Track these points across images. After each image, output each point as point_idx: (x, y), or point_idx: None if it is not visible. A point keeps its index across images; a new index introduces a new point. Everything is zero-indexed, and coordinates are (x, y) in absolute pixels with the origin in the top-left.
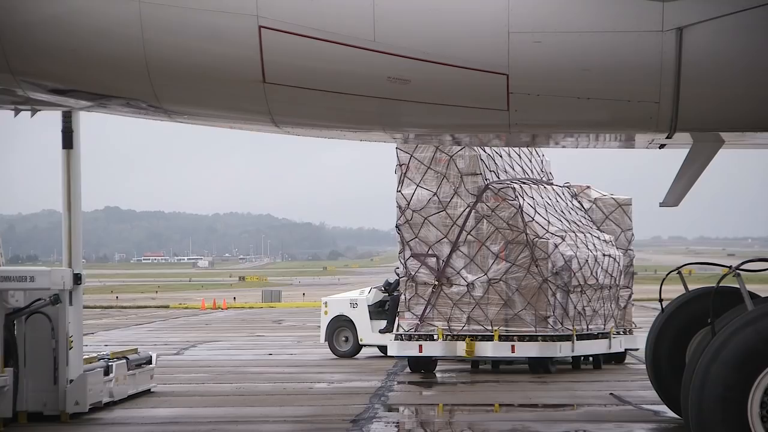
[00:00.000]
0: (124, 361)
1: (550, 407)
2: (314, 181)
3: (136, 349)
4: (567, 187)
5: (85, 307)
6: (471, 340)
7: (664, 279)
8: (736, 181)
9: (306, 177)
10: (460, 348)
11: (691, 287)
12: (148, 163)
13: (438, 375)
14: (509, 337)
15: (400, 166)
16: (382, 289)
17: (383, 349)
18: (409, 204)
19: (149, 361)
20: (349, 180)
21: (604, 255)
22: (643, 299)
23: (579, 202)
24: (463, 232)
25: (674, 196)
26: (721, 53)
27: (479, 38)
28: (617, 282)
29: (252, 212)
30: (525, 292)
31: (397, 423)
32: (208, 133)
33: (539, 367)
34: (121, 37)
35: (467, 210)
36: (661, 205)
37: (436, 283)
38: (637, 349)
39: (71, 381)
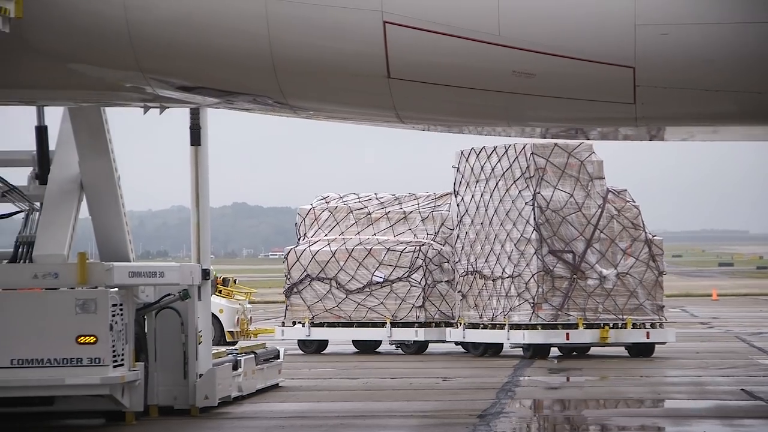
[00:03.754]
0: (253, 355)
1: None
2: (439, 173)
3: (265, 343)
4: None
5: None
6: (610, 327)
7: None
8: None
9: (430, 168)
10: (595, 335)
11: None
12: (275, 159)
13: (562, 369)
14: (637, 324)
15: (538, 170)
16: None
17: None
18: (548, 204)
19: (277, 356)
20: None
21: None
22: None
23: None
24: (597, 230)
25: None
26: None
27: (605, 31)
28: None
29: None
30: (646, 284)
31: (525, 418)
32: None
33: (642, 353)
34: (248, 34)
35: (599, 210)
36: None
37: (574, 276)
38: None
39: (201, 375)
